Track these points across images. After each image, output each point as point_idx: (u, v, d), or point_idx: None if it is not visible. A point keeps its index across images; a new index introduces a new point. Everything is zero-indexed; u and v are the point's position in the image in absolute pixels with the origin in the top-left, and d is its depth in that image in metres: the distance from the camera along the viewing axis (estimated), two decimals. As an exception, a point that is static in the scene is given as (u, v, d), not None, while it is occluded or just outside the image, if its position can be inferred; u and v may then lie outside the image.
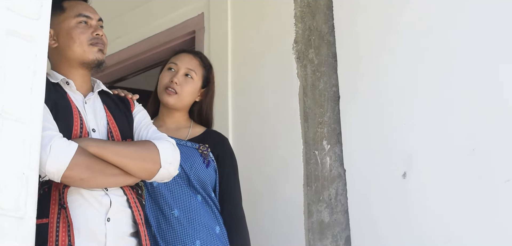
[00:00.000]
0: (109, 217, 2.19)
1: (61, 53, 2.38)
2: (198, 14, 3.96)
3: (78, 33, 2.37)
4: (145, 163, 2.24)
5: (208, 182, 2.79)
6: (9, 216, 1.87)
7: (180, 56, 2.98)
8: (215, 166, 2.84)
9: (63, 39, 2.37)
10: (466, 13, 2.88)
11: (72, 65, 2.38)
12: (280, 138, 3.38)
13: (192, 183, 2.74)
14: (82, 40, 2.37)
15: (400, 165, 2.91)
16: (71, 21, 2.39)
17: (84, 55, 2.36)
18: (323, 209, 3.13)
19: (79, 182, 2.12)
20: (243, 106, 3.60)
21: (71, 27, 2.38)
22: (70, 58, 2.37)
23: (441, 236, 2.75)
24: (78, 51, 2.36)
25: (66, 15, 2.40)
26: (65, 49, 2.36)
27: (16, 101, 1.94)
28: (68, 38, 2.36)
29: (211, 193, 2.80)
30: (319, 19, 3.36)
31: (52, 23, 2.32)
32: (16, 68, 1.95)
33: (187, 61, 2.95)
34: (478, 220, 2.68)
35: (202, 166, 2.77)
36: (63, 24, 2.38)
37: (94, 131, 2.29)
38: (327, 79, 3.26)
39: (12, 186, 1.88)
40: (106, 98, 2.46)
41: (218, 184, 2.85)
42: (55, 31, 2.37)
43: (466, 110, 2.78)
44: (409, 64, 2.98)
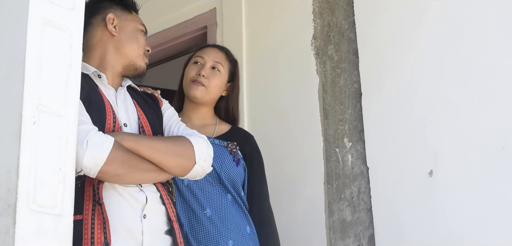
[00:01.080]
0: (145, 213, 2.12)
1: (116, 45, 2.35)
2: (210, 10, 3.89)
3: (141, 38, 2.41)
4: (180, 159, 2.18)
5: (239, 181, 2.74)
6: (46, 213, 1.79)
7: (206, 49, 2.93)
8: (244, 165, 2.78)
9: (126, 35, 2.37)
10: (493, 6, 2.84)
11: (118, 61, 2.34)
12: (299, 136, 3.32)
13: (223, 181, 2.68)
14: (142, 45, 2.40)
15: (426, 163, 2.86)
16: (138, 24, 2.43)
17: (137, 59, 2.37)
18: (345, 207, 3.07)
19: (115, 177, 2.05)
20: (258, 105, 3.54)
21: (137, 29, 2.41)
22: (124, 54, 2.35)
23: (469, 236, 2.71)
24: (135, 52, 2.37)
25: (134, 17, 2.44)
26: (126, 44, 2.36)
27: (52, 94, 1.86)
28: (132, 37, 2.38)
29: (241, 192, 2.75)
30: (339, 15, 3.30)
31: (119, 15, 2.34)
32: (52, 60, 1.88)
33: (214, 54, 2.89)
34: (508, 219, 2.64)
35: (232, 164, 2.71)
36: (131, 22, 2.41)
37: (125, 125, 2.22)
38: (348, 75, 3.20)
39: (49, 182, 1.81)
40: (135, 94, 2.41)
41: (246, 182, 2.79)
42: (119, 21, 2.37)
43: (495, 106, 2.74)
44: (435, 60, 2.94)
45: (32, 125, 1.79)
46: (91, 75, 2.25)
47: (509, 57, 2.75)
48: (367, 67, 3.13)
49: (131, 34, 2.37)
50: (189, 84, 2.81)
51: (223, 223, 2.61)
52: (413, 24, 3.04)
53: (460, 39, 2.89)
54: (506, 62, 2.75)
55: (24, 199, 1.74)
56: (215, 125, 2.85)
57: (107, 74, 2.29)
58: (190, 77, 2.83)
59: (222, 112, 2.91)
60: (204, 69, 2.82)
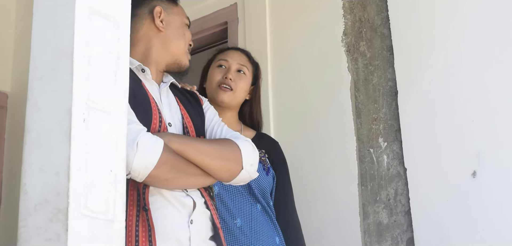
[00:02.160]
0: (192, 219, 1.98)
1: (162, 41, 2.21)
2: (231, 5, 3.75)
3: (187, 33, 2.29)
4: (228, 163, 2.04)
5: (268, 190, 2.67)
6: (99, 219, 1.65)
7: (228, 52, 2.85)
8: (273, 173, 2.71)
9: (172, 30, 2.24)
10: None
11: (163, 57, 2.21)
12: (330, 136, 3.19)
13: (253, 191, 2.59)
14: (187, 41, 2.27)
15: (469, 163, 2.74)
16: (183, 18, 2.30)
17: (182, 56, 2.25)
18: (381, 209, 2.95)
19: (163, 182, 1.91)
20: (285, 105, 3.40)
21: (183, 24, 2.29)
22: (170, 51, 2.22)
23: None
24: (181, 49, 2.24)
25: (180, 10, 2.31)
26: (172, 40, 2.23)
27: (101, 89, 1.72)
28: (179, 33, 2.25)
29: (270, 201, 2.67)
30: (371, 10, 3.18)
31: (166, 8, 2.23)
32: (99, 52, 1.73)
33: (237, 57, 2.82)
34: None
35: (262, 173, 2.63)
36: (177, 16, 2.28)
37: (170, 125, 2.08)
38: (381, 73, 3.07)
39: (100, 184, 1.67)
40: (176, 91, 2.27)
41: (274, 191, 2.71)
42: (166, 16, 2.24)
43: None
44: (475, 54, 2.82)
45: (82, 123, 1.65)
46: (134, 70, 2.10)
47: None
48: (403, 64, 3.00)
49: (178, 30, 2.24)
50: (216, 89, 2.73)
51: (254, 234, 2.53)
52: (451, 18, 2.92)
53: (502, 32, 2.77)
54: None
55: (76, 203, 1.60)
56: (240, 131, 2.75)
57: (151, 69, 2.14)
58: (216, 81, 2.75)
59: (246, 117, 2.85)
60: (230, 72, 2.75)
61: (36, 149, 1.67)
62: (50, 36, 1.72)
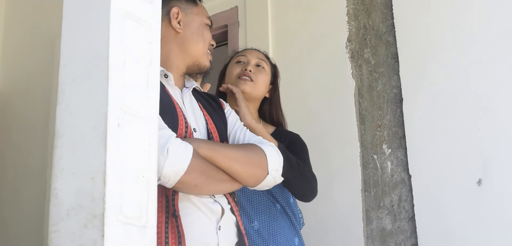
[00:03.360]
0: (220, 225, 1.97)
1: (180, 42, 2.17)
2: (231, 8, 3.74)
3: (207, 34, 2.24)
4: (254, 169, 2.03)
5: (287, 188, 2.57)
6: (133, 225, 1.63)
7: (246, 51, 2.81)
8: None
9: (192, 31, 2.19)
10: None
11: (183, 60, 2.17)
12: (333, 142, 3.20)
13: (272, 191, 2.53)
14: (207, 42, 2.23)
15: (474, 171, 2.78)
16: (204, 19, 2.25)
17: (202, 57, 2.21)
18: (384, 215, 2.97)
19: (192, 188, 1.89)
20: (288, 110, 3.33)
21: (203, 24, 2.23)
22: (189, 53, 2.18)
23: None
24: (201, 50, 2.19)
25: (200, 10, 2.26)
26: (191, 42, 2.18)
27: (135, 94, 1.70)
28: (198, 34, 2.20)
29: (290, 199, 2.61)
30: (376, 17, 3.20)
31: (184, 9, 2.16)
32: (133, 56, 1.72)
33: (255, 53, 2.78)
34: None
35: None
36: (197, 16, 2.22)
37: (195, 131, 2.06)
38: (386, 80, 3.10)
39: (134, 190, 1.65)
40: (198, 96, 2.24)
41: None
42: (184, 16, 2.19)
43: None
44: (481, 62, 2.85)
45: (116, 127, 1.63)
46: None
47: None
48: (408, 72, 3.03)
49: (197, 31, 2.20)
50: (235, 80, 2.66)
51: (272, 236, 2.48)
52: (456, 26, 2.95)
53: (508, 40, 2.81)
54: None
55: (112, 209, 1.58)
56: None
57: (173, 74, 2.13)
58: (236, 74, 2.69)
59: (266, 116, 2.78)
60: (249, 65, 2.70)
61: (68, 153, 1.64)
62: (83, 39, 1.69)
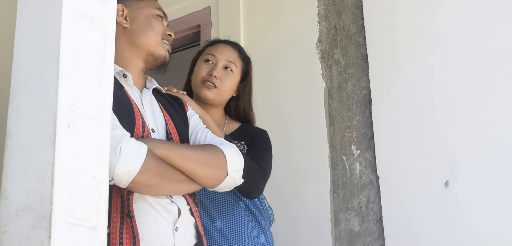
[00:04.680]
0: (177, 226, 1.96)
1: (129, 37, 2.15)
2: (204, 8, 3.74)
3: (157, 23, 2.20)
4: (213, 170, 2.02)
5: None
6: (82, 226, 1.62)
7: (218, 47, 2.74)
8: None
9: (139, 23, 2.16)
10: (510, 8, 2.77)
11: (136, 54, 2.15)
12: (303, 143, 3.20)
13: (235, 189, 2.48)
14: (159, 31, 2.19)
15: (442, 173, 2.78)
16: (152, 10, 2.21)
17: (156, 46, 2.17)
18: (353, 217, 2.97)
19: (148, 188, 1.89)
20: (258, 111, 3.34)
21: (151, 15, 2.20)
22: (139, 46, 2.15)
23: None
24: (152, 40, 2.16)
25: (147, 3, 2.23)
26: (139, 34, 2.15)
27: (86, 94, 1.69)
28: (146, 24, 2.17)
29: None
30: (346, 18, 3.20)
31: (129, 4, 2.15)
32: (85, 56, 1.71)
33: (227, 52, 2.71)
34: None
35: None
36: (143, 9, 2.19)
37: (153, 131, 2.05)
38: (355, 81, 3.10)
39: (84, 191, 1.64)
40: (159, 96, 2.23)
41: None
42: (129, 12, 2.17)
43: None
44: (450, 65, 2.86)
45: (66, 128, 1.62)
46: (116, 75, 2.06)
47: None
48: (377, 73, 3.03)
49: (145, 22, 2.17)
50: (200, 84, 2.63)
51: (235, 236, 2.46)
52: (425, 28, 2.96)
53: (475, 42, 2.83)
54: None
55: (60, 210, 1.57)
56: (224, 125, 2.68)
57: (132, 74, 2.12)
58: (201, 77, 2.64)
59: (232, 112, 2.75)
60: (216, 69, 2.64)
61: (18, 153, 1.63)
62: (35, 39, 1.68)
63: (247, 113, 2.75)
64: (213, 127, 2.34)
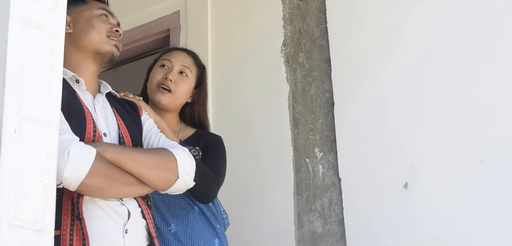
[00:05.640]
0: (127, 228, 2.00)
1: (75, 41, 2.18)
2: (174, 12, 3.78)
3: (99, 22, 2.21)
4: (163, 173, 2.06)
5: None
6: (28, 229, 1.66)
7: (173, 53, 2.79)
8: None
9: (81, 26, 2.19)
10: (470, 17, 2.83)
11: (84, 57, 2.18)
12: (267, 145, 3.24)
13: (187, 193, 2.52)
14: (102, 29, 2.20)
15: (401, 175, 2.83)
16: (93, 11, 2.23)
17: (100, 44, 2.18)
18: (315, 219, 3.01)
19: (96, 191, 1.92)
20: (225, 113, 3.43)
21: (92, 15, 2.21)
22: (84, 47, 2.18)
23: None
24: (95, 38, 2.18)
25: (89, 6, 2.25)
26: (82, 35, 2.18)
27: (34, 100, 1.72)
28: (88, 25, 2.19)
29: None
30: (311, 22, 3.24)
31: (72, 11, 2.17)
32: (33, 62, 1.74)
33: (182, 58, 2.75)
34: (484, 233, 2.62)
35: None
36: (84, 12, 2.22)
37: (105, 135, 2.08)
38: (319, 84, 3.14)
39: (30, 195, 1.67)
40: (114, 101, 2.26)
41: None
42: (73, 18, 2.20)
43: (473, 119, 2.73)
44: (410, 70, 2.91)
45: (12, 133, 1.65)
46: (69, 80, 2.10)
47: (486, 70, 2.74)
48: (340, 76, 3.08)
49: (86, 23, 2.19)
50: (155, 89, 2.67)
51: (190, 239, 2.50)
52: (388, 33, 3.01)
53: (436, 49, 2.87)
54: (483, 75, 2.74)
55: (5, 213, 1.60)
56: (180, 131, 2.72)
57: (84, 79, 2.15)
58: (156, 81, 2.68)
59: (187, 118, 2.78)
60: (171, 73, 2.68)
61: (-35, 158, 1.67)
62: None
63: (202, 119, 2.79)
64: (168, 133, 2.38)
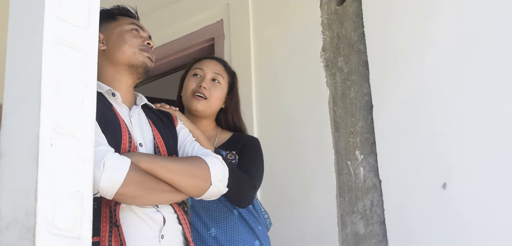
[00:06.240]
0: (163, 234, 2.09)
1: (109, 57, 2.30)
2: (217, 21, 3.87)
3: (131, 37, 2.32)
4: (196, 180, 2.15)
5: None
6: (65, 236, 1.77)
7: (204, 61, 2.89)
8: None
9: (113, 42, 2.31)
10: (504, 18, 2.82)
11: (118, 70, 2.29)
12: (310, 149, 3.30)
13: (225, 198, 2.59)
14: (134, 43, 2.31)
15: (439, 175, 2.84)
16: (124, 26, 2.35)
17: (133, 56, 2.29)
18: (358, 220, 3.05)
19: (131, 199, 2.02)
20: (268, 117, 3.51)
21: (124, 31, 2.33)
22: (118, 61, 2.29)
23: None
24: (128, 52, 2.29)
25: (119, 22, 2.37)
26: (115, 51, 2.29)
27: (69, 115, 1.84)
28: (120, 40, 2.30)
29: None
30: (348, 26, 3.28)
31: (103, 29, 2.28)
32: (67, 80, 1.85)
33: (213, 66, 2.86)
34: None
35: None
36: (115, 29, 2.34)
37: (141, 146, 2.19)
38: (358, 88, 3.18)
39: (67, 204, 1.79)
40: (149, 112, 2.36)
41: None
42: (105, 35, 2.32)
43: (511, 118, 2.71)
44: (447, 70, 2.92)
45: (49, 147, 1.77)
46: (105, 94, 2.22)
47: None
48: (377, 79, 3.11)
49: (118, 38, 2.30)
50: (190, 97, 2.78)
51: (229, 242, 2.57)
52: (424, 34, 3.02)
53: (473, 49, 2.87)
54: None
55: (43, 222, 1.72)
56: (216, 137, 2.81)
57: (120, 92, 2.26)
58: (191, 89, 2.79)
59: (223, 123, 2.88)
60: (204, 81, 2.79)
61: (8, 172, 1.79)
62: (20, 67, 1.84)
63: (236, 123, 2.88)
64: (203, 141, 2.47)
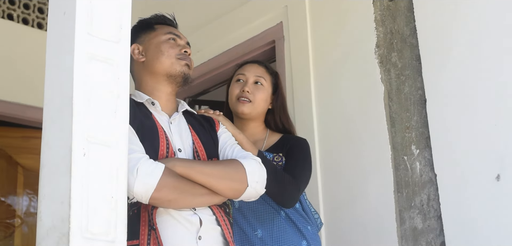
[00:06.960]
0: (200, 235, 2.16)
1: (148, 68, 2.39)
2: (277, 24, 3.93)
3: (168, 47, 2.40)
4: (232, 182, 2.21)
5: None
6: (100, 240, 1.88)
7: (246, 66, 2.96)
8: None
9: (151, 53, 2.39)
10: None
11: (158, 80, 2.38)
12: (367, 144, 3.30)
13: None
14: (171, 53, 2.39)
15: (493, 167, 2.79)
16: (161, 37, 2.42)
17: (171, 67, 2.37)
18: (416, 215, 3.03)
19: (167, 203, 2.11)
20: (327, 114, 3.54)
21: (161, 41, 2.41)
22: (157, 72, 2.37)
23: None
24: (166, 63, 2.36)
25: (157, 32, 2.45)
26: (153, 62, 2.38)
27: (101, 125, 1.95)
28: (157, 51, 2.38)
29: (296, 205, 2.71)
30: (400, 21, 3.26)
31: (142, 40, 2.38)
32: (99, 92, 1.96)
33: (254, 69, 2.92)
34: None
35: None
36: (154, 39, 2.42)
37: (180, 151, 2.27)
38: (412, 82, 3.16)
39: (101, 210, 1.89)
40: (191, 118, 2.45)
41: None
42: (144, 47, 2.42)
43: None
44: (499, 62, 2.85)
45: (82, 157, 1.88)
46: (145, 103, 2.32)
47: None
48: (430, 73, 3.08)
49: (156, 49, 2.38)
50: (235, 102, 2.85)
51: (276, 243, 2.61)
52: (475, 27, 2.96)
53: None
54: None
55: (77, 228, 1.83)
56: (265, 139, 2.86)
57: (159, 100, 2.35)
58: (235, 95, 2.86)
59: (272, 125, 2.93)
60: (247, 85, 2.85)
61: (47, 181, 1.93)
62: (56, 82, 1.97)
63: (285, 124, 2.92)
64: (245, 144, 2.52)
